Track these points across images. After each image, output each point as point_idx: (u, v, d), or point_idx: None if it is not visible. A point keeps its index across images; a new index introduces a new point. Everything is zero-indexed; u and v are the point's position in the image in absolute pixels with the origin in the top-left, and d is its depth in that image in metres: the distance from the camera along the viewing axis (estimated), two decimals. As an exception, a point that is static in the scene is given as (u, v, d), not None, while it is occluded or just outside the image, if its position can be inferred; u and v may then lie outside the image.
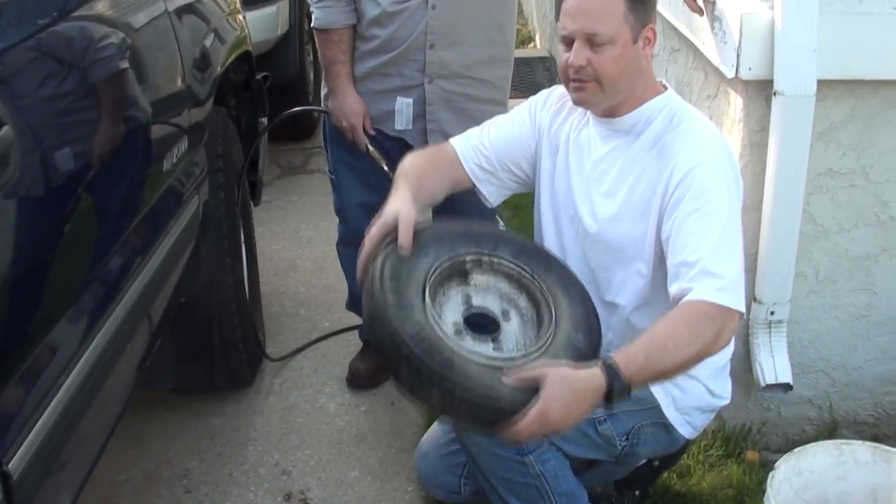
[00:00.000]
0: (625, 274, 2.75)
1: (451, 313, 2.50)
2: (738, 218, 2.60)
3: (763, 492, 2.80)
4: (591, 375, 2.34)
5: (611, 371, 2.34)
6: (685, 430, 2.78)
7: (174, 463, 3.69)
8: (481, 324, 2.57)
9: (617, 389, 2.33)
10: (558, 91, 2.93)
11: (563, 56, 2.64)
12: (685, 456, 3.33)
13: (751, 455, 3.47)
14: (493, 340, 2.50)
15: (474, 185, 2.95)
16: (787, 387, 3.35)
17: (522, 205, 4.83)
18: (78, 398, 2.35)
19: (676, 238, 2.55)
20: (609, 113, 2.73)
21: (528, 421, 2.29)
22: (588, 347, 2.53)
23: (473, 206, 3.13)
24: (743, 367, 3.37)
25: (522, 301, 2.59)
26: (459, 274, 2.53)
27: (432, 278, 2.48)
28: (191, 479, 3.62)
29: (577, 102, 2.74)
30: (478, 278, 2.57)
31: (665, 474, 3.29)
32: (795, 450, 2.90)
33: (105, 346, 2.54)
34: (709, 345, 2.45)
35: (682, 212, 2.55)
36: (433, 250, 2.52)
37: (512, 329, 2.55)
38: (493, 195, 2.98)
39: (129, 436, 3.77)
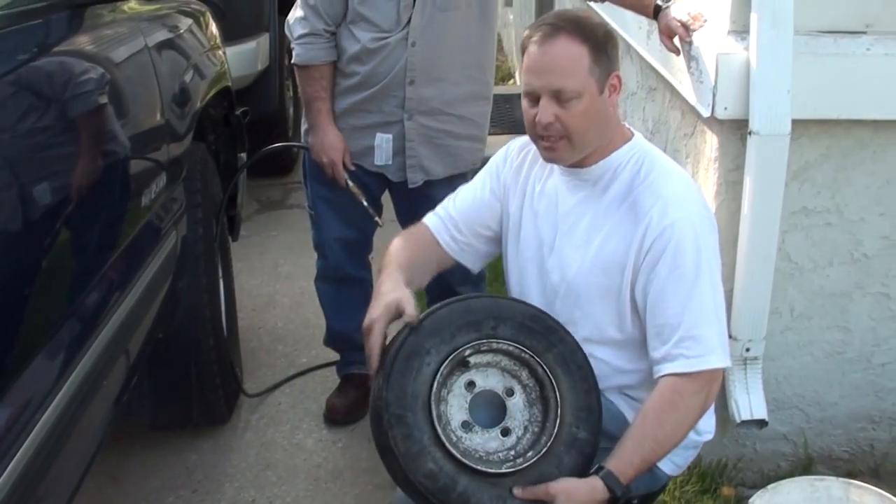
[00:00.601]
0: (593, 326, 2.75)
1: (457, 412, 2.47)
2: (717, 269, 2.60)
3: (738, 527, 2.81)
4: (595, 490, 2.40)
5: (610, 481, 2.40)
6: (668, 468, 2.77)
7: (151, 500, 3.68)
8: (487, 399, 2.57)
9: (620, 495, 2.40)
10: (516, 143, 2.90)
11: (528, 112, 2.59)
12: (662, 492, 3.33)
13: (727, 491, 3.48)
14: (503, 432, 2.49)
15: (455, 260, 2.93)
16: (762, 423, 3.37)
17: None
18: (54, 434, 2.34)
19: (656, 300, 2.56)
20: (576, 164, 2.68)
21: None
22: (589, 439, 2.53)
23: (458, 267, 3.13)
24: (719, 404, 3.37)
25: (524, 375, 2.55)
26: (461, 364, 2.50)
27: (435, 387, 2.43)
28: (168, 515, 3.60)
29: (548, 160, 2.70)
30: (478, 359, 2.52)
31: (641, 511, 3.30)
32: (770, 486, 2.90)
33: (81, 381, 2.53)
34: (698, 417, 2.55)
35: (660, 273, 2.54)
36: (434, 348, 2.47)
37: (517, 406, 2.52)
38: (474, 264, 2.97)
39: (106, 472, 3.75)
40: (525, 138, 2.90)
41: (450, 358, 2.45)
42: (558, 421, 2.47)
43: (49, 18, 2.74)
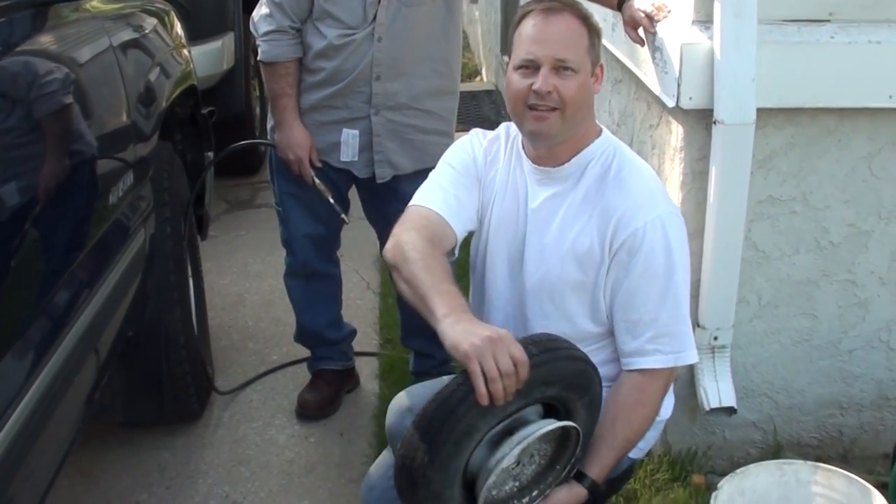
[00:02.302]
0: (567, 321, 2.76)
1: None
2: (687, 266, 2.65)
3: (709, 513, 2.83)
4: (579, 497, 2.51)
5: (594, 488, 2.52)
6: (632, 452, 2.80)
7: (124, 497, 3.67)
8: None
9: (599, 495, 2.55)
10: (481, 137, 2.89)
11: (520, 83, 2.58)
12: (632, 480, 3.35)
13: (697, 479, 3.50)
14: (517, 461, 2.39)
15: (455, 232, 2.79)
16: (731, 411, 3.39)
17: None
18: (24, 432, 2.34)
19: (628, 297, 2.61)
20: (549, 156, 2.70)
21: None
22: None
23: None
24: (688, 392, 3.41)
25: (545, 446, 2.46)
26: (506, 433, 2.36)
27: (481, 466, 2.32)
28: (141, 513, 3.60)
29: (533, 133, 2.65)
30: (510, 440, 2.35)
31: (612, 498, 3.31)
32: (738, 470, 2.93)
33: (52, 379, 2.53)
34: (657, 409, 2.66)
35: (632, 271, 2.59)
36: (485, 427, 2.28)
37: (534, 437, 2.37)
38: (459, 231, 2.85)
39: (79, 470, 3.75)
40: (489, 133, 2.90)
41: (498, 427, 2.31)
42: (569, 467, 2.48)
43: (12, 17, 2.72)
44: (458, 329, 2.22)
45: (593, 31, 2.62)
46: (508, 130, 2.83)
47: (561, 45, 2.56)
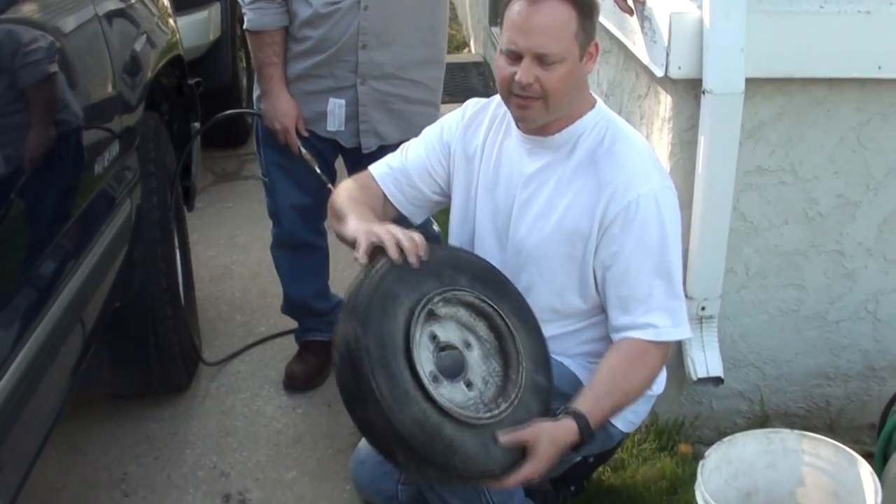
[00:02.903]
0: (555, 294, 2.76)
1: (426, 363, 2.44)
2: (679, 242, 2.67)
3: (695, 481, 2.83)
4: (569, 431, 2.45)
5: (581, 422, 2.45)
6: (622, 425, 2.81)
7: (112, 468, 3.67)
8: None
9: (587, 438, 2.47)
10: (471, 105, 2.92)
11: (505, 69, 2.58)
12: (619, 450, 3.36)
13: (684, 448, 3.52)
14: (466, 384, 2.49)
15: (398, 211, 2.94)
16: (718, 381, 3.40)
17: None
18: (11, 403, 2.34)
19: (620, 272, 2.62)
20: (540, 129, 2.70)
21: (517, 478, 2.41)
22: (547, 384, 2.59)
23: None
24: (675, 362, 3.41)
25: (482, 329, 2.56)
26: (429, 315, 2.50)
27: (411, 334, 2.42)
28: (129, 483, 3.59)
29: (518, 119, 2.69)
30: (441, 311, 2.53)
31: (600, 468, 3.32)
32: (725, 439, 2.93)
33: (37, 350, 2.52)
34: (656, 375, 2.68)
35: (625, 246, 2.60)
36: (404, 295, 2.45)
37: (475, 360, 2.53)
38: (418, 216, 2.98)
39: (66, 441, 3.74)
40: (481, 101, 2.90)
41: (419, 305, 2.44)
42: (523, 370, 2.50)
43: (-4, -14, 2.70)
44: (363, 224, 2.57)
45: (584, 12, 2.55)
46: (500, 101, 2.81)
47: (544, 37, 2.52)
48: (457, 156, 2.87)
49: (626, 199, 2.58)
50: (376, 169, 2.95)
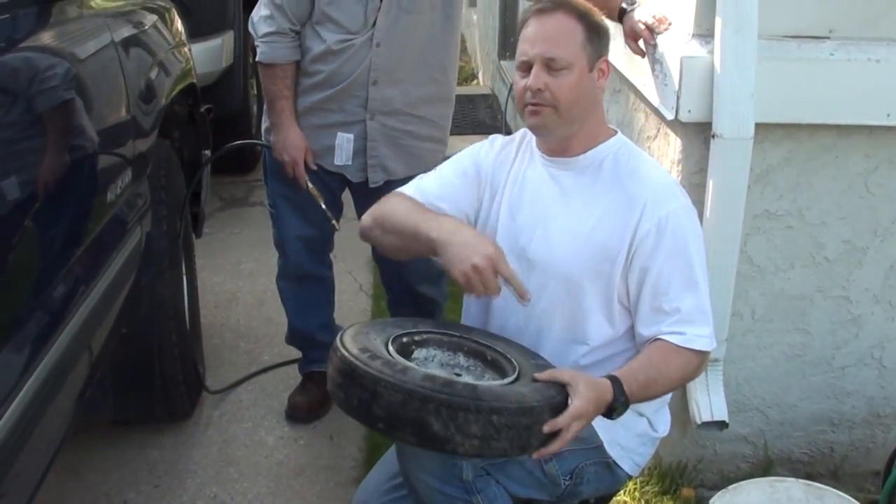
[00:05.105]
0: (580, 312, 2.76)
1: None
2: (704, 255, 2.70)
3: (698, 528, 2.83)
4: (605, 386, 2.44)
5: (617, 385, 2.45)
6: (627, 466, 2.80)
7: (112, 495, 3.66)
8: None
9: (620, 403, 2.45)
10: (500, 138, 2.95)
11: (519, 83, 2.67)
12: (622, 492, 3.36)
13: (686, 492, 3.51)
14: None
15: None
16: (722, 424, 3.39)
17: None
18: (17, 430, 2.33)
19: (654, 286, 2.64)
20: (561, 150, 2.75)
21: (566, 418, 2.34)
22: (548, 363, 2.61)
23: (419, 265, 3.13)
24: (679, 405, 3.41)
25: (461, 358, 2.61)
26: (405, 350, 2.53)
27: (392, 345, 2.48)
28: (129, 511, 3.59)
29: (533, 127, 2.74)
30: (417, 353, 2.58)
31: (602, 510, 3.32)
32: (730, 486, 2.93)
33: (45, 377, 2.52)
34: (690, 378, 2.71)
35: (657, 259, 2.62)
36: (373, 333, 2.53)
37: (470, 379, 2.53)
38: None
39: (68, 467, 3.74)
40: (508, 137, 2.94)
41: (390, 337, 2.52)
42: (516, 363, 2.53)
43: (16, 14, 2.72)
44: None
45: (592, 27, 2.67)
46: (525, 133, 2.88)
47: (550, 43, 2.63)
48: (487, 183, 2.89)
49: (657, 214, 2.62)
50: (409, 191, 2.92)
